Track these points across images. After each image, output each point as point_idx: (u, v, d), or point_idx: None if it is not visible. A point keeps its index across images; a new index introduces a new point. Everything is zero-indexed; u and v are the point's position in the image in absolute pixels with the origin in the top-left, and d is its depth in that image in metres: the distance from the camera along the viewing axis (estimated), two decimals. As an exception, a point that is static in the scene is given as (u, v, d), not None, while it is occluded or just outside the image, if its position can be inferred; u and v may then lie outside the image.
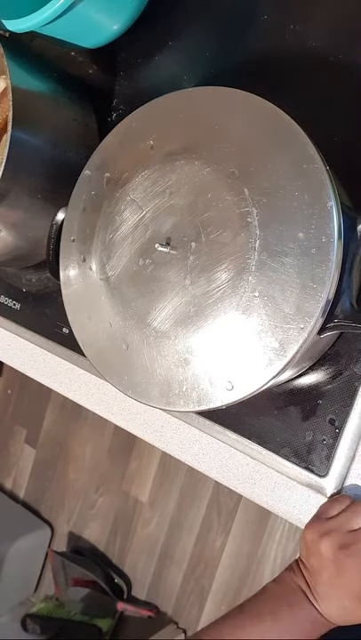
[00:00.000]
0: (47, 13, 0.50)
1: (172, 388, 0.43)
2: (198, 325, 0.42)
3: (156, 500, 1.56)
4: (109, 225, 0.47)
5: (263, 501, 0.53)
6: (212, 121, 0.44)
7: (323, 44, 0.51)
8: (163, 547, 1.54)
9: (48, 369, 0.67)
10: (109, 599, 1.52)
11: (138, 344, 0.45)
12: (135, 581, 1.58)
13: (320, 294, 0.38)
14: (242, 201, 0.41)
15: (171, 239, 0.44)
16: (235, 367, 0.41)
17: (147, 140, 0.47)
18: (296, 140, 0.41)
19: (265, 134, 0.42)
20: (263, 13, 0.53)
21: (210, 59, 0.56)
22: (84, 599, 1.56)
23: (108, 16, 0.56)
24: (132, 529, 1.60)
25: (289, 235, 0.39)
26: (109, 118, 0.62)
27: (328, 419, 0.49)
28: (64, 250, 0.50)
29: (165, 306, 0.44)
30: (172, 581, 1.52)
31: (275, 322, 0.39)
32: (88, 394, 0.64)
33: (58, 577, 1.57)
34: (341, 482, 0.49)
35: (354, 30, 0.50)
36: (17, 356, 0.69)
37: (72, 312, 0.49)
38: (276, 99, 0.42)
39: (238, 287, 0.41)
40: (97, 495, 1.67)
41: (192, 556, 1.50)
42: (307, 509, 0.51)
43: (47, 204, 0.56)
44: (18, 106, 0.51)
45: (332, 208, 0.39)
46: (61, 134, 0.57)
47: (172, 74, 0.58)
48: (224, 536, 1.46)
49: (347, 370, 0.49)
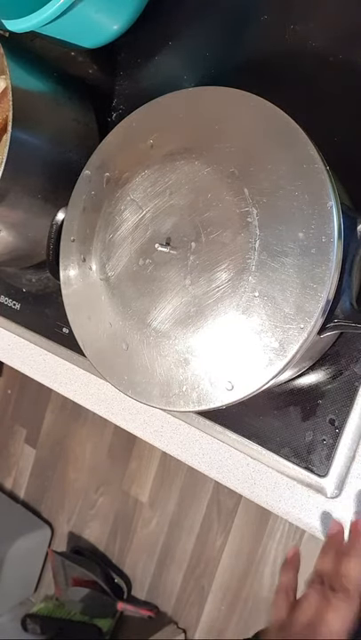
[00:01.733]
0: (47, 13, 0.50)
1: (172, 388, 0.43)
2: (198, 325, 0.42)
3: (156, 500, 1.56)
4: (109, 225, 0.47)
5: (263, 501, 0.53)
6: (212, 121, 0.44)
7: (323, 44, 0.51)
8: (163, 547, 1.54)
9: (48, 369, 0.67)
10: (109, 599, 1.52)
11: (138, 344, 0.45)
12: (135, 581, 1.58)
13: (320, 294, 0.38)
14: (242, 201, 0.41)
15: (171, 239, 0.44)
16: (235, 367, 0.41)
17: (147, 139, 0.47)
18: (296, 140, 0.41)
19: (265, 134, 0.42)
20: (263, 13, 0.53)
21: (210, 59, 0.56)
22: (84, 599, 1.56)
23: (108, 16, 0.56)
24: (132, 529, 1.60)
25: (289, 235, 0.39)
26: (109, 118, 0.62)
27: (328, 419, 0.49)
28: (64, 250, 0.50)
29: (165, 306, 0.44)
30: (172, 581, 1.52)
31: (275, 322, 0.39)
32: (88, 394, 0.64)
33: (58, 577, 1.57)
34: (342, 482, 0.49)
35: (354, 30, 0.50)
36: (17, 356, 0.69)
37: (72, 312, 0.49)
38: (277, 99, 0.42)
39: (238, 287, 0.41)
40: (97, 495, 1.67)
41: (192, 556, 1.50)
42: (307, 509, 0.51)
43: (47, 204, 0.56)
44: (18, 106, 0.51)
45: (332, 208, 0.39)
46: (61, 134, 0.57)
47: (172, 74, 0.58)
48: (224, 536, 1.46)
49: (347, 370, 0.49)
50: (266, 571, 1.41)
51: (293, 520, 0.52)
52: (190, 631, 1.49)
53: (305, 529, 0.52)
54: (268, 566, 1.41)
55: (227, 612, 1.45)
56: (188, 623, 1.49)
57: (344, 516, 0.50)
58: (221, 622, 1.45)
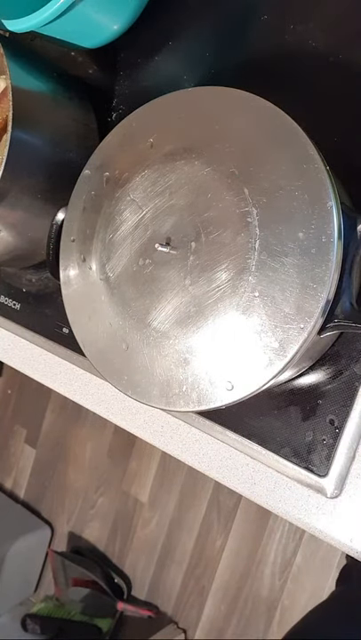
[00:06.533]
0: (47, 13, 0.50)
1: (172, 388, 0.43)
2: (198, 325, 0.42)
3: (156, 500, 1.57)
4: (109, 225, 0.47)
5: (263, 501, 0.53)
6: (212, 121, 0.44)
7: (323, 44, 0.51)
8: (163, 547, 1.55)
9: (48, 369, 0.67)
10: (109, 599, 1.52)
11: (138, 344, 0.45)
12: (135, 581, 1.58)
13: (320, 294, 0.38)
14: (242, 201, 0.41)
15: (171, 239, 0.44)
16: (235, 367, 0.41)
17: (147, 139, 0.47)
18: (296, 140, 0.41)
19: (265, 134, 0.42)
20: (263, 13, 0.53)
21: (210, 59, 0.56)
22: (84, 599, 1.57)
23: (108, 16, 0.56)
24: (132, 529, 1.60)
25: (289, 235, 0.39)
26: (109, 118, 0.62)
27: (328, 419, 0.49)
28: (64, 250, 0.50)
29: (165, 306, 0.44)
30: (172, 581, 1.52)
31: (275, 322, 0.39)
32: (88, 394, 0.64)
33: (58, 577, 1.58)
34: (342, 482, 0.49)
35: (354, 30, 0.50)
36: (17, 356, 0.69)
37: (72, 312, 0.49)
38: (276, 99, 0.42)
39: (238, 287, 0.41)
40: (97, 495, 1.67)
41: (192, 556, 1.50)
42: (307, 509, 0.51)
43: (47, 204, 0.56)
44: (18, 106, 0.51)
45: (332, 208, 0.39)
46: (61, 134, 0.57)
47: (172, 74, 0.58)
48: (224, 536, 1.46)
49: (347, 370, 0.49)
50: (266, 571, 1.41)
51: (293, 520, 0.52)
52: (190, 631, 1.49)
53: (305, 529, 0.52)
54: (268, 566, 1.41)
55: (227, 612, 1.45)
56: (188, 623, 1.49)
57: (344, 516, 0.50)
58: (221, 622, 1.46)
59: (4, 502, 1.77)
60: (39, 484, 1.78)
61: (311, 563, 1.36)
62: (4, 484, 1.85)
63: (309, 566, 1.36)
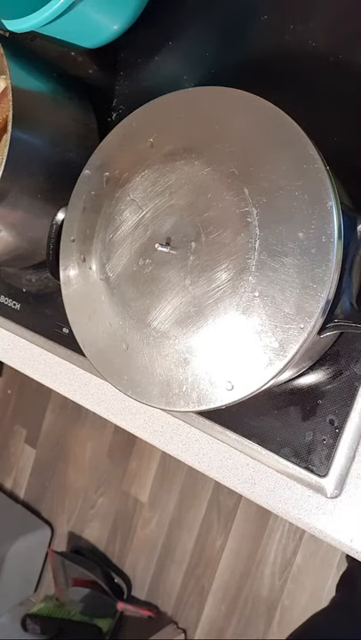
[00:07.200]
0: (47, 13, 0.50)
1: (172, 388, 0.43)
2: (198, 325, 0.42)
3: (156, 500, 1.57)
4: (109, 225, 0.47)
5: (263, 501, 0.53)
6: (212, 121, 0.44)
7: (323, 44, 0.51)
8: (163, 547, 1.55)
9: (48, 369, 0.67)
10: (109, 599, 1.52)
11: (138, 344, 0.45)
12: (135, 581, 1.58)
13: (320, 294, 0.38)
14: (242, 201, 0.41)
15: (171, 239, 0.44)
16: (235, 367, 0.41)
17: (147, 139, 0.47)
18: (296, 140, 0.41)
19: (265, 134, 0.42)
20: (263, 13, 0.53)
21: (210, 59, 0.56)
22: (84, 599, 1.57)
23: (108, 16, 0.56)
24: (132, 529, 1.60)
25: (289, 235, 0.39)
26: (109, 118, 0.62)
27: (328, 419, 0.49)
28: (64, 250, 0.50)
29: (165, 306, 0.44)
30: (172, 581, 1.52)
31: (275, 322, 0.39)
32: (88, 394, 0.64)
33: (58, 577, 1.58)
34: (342, 482, 0.49)
35: (354, 30, 0.50)
36: (17, 356, 0.69)
37: (72, 312, 0.49)
38: (276, 99, 0.42)
39: (238, 287, 0.41)
40: (97, 495, 1.67)
41: (192, 556, 1.50)
42: (307, 509, 0.51)
43: (47, 204, 0.56)
44: (18, 106, 0.51)
45: (332, 208, 0.39)
46: (61, 134, 0.58)
47: (172, 74, 0.58)
48: (224, 536, 1.46)
49: (347, 370, 0.49)
50: (266, 571, 1.41)
51: (293, 520, 0.52)
52: (190, 631, 1.49)
53: (305, 529, 0.52)
54: (268, 566, 1.41)
55: (227, 612, 1.45)
56: (188, 623, 1.49)
57: (344, 516, 0.50)
58: (221, 622, 1.46)
59: (4, 502, 1.77)
60: (39, 484, 1.78)
61: (311, 563, 1.36)
62: (4, 484, 1.85)
63: (309, 566, 1.36)
